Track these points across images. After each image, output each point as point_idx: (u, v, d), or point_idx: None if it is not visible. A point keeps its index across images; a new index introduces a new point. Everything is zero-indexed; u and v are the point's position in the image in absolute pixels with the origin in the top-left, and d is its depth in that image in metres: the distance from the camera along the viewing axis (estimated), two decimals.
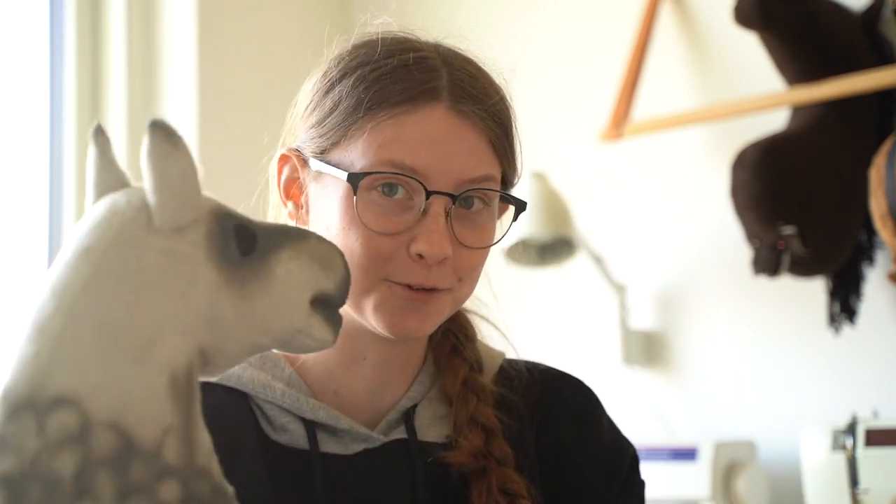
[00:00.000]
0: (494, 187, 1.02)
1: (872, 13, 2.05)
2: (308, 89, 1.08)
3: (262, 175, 1.12)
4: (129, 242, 0.73)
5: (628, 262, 2.37)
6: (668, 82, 2.33)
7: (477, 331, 1.14)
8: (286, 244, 0.78)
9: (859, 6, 2.07)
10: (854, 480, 1.72)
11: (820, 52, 2.01)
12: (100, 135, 0.79)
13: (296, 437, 1.04)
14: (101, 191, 0.78)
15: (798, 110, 2.04)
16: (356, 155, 1.00)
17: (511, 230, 1.09)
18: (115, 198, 0.76)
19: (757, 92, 2.12)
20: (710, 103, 2.25)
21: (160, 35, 2.62)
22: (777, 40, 2.02)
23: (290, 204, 1.08)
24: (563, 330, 2.43)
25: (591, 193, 2.42)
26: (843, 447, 1.75)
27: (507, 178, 1.06)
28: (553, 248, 2.32)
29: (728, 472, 2.02)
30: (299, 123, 1.08)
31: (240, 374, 1.06)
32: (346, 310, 1.04)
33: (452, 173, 0.99)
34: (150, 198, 0.73)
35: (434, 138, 0.99)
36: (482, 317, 1.15)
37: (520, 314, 2.47)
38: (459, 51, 1.08)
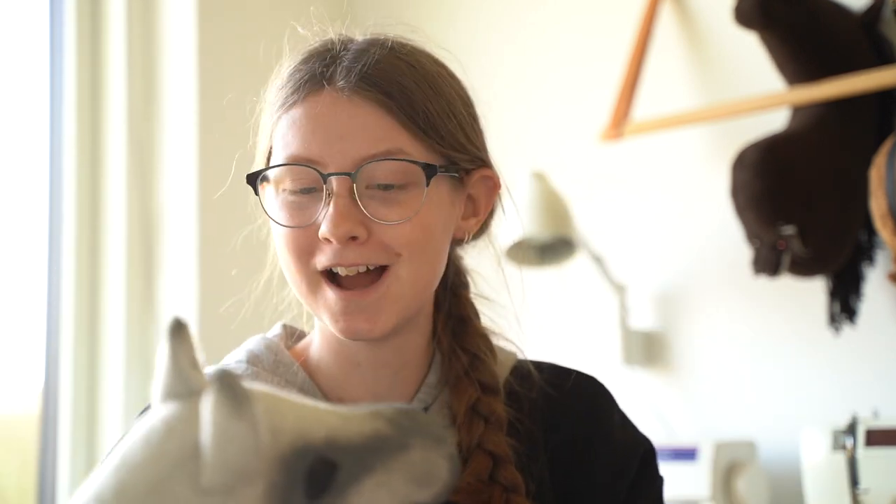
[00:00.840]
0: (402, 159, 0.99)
1: (872, 13, 2.05)
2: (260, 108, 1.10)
3: None
4: (168, 500, 0.65)
5: (628, 262, 2.37)
6: (668, 82, 2.33)
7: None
8: (377, 466, 0.69)
9: (859, 6, 2.07)
10: (854, 480, 1.72)
11: (820, 52, 2.01)
12: (177, 333, 0.71)
13: None
14: (168, 394, 0.70)
15: (798, 110, 2.04)
16: (275, 161, 1.02)
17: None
18: (170, 426, 0.68)
19: (757, 92, 2.12)
20: (710, 103, 2.25)
21: (160, 35, 2.62)
22: (777, 40, 2.02)
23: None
24: (563, 330, 2.43)
25: (591, 193, 2.42)
26: (844, 447, 1.75)
27: (439, 151, 1.02)
28: (553, 248, 2.32)
29: (728, 472, 2.02)
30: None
31: (253, 380, 1.05)
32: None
33: (348, 154, 0.98)
34: (204, 453, 0.66)
35: (322, 124, 0.99)
36: (502, 336, 1.13)
37: (519, 314, 2.47)
38: (378, 33, 1.05)
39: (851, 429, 1.75)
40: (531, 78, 2.54)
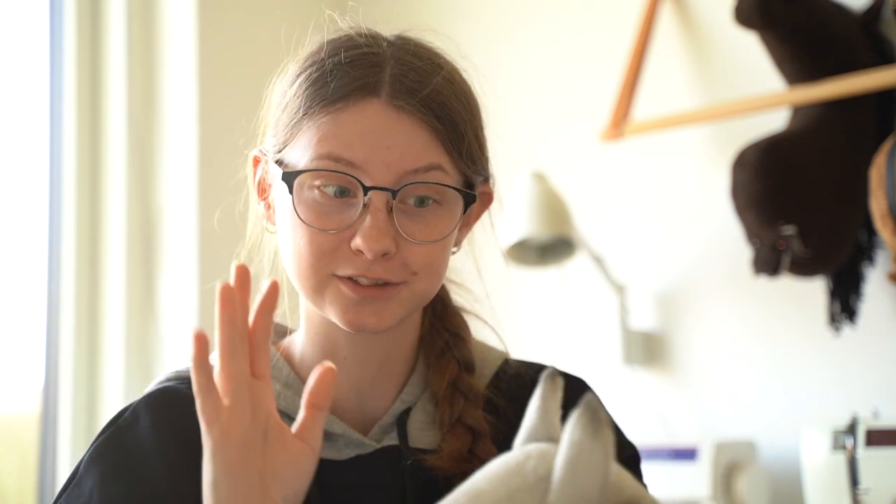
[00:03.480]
0: (441, 178, 1.00)
1: (872, 13, 2.05)
2: (274, 89, 1.09)
3: None
4: None
5: (628, 262, 2.37)
6: (668, 82, 2.33)
7: (473, 331, 1.14)
8: None
9: (859, 6, 2.07)
10: (854, 480, 1.72)
11: (820, 52, 2.01)
12: (552, 380, 0.79)
13: None
14: (529, 436, 0.77)
15: (798, 110, 2.04)
16: (300, 153, 1.01)
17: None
18: (528, 453, 0.74)
19: (757, 92, 2.12)
20: (710, 103, 2.25)
21: (160, 35, 2.62)
22: (777, 40, 2.02)
23: (261, 205, 1.09)
24: (563, 330, 2.43)
25: (591, 193, 2.42)
26: (844, 447, 1.75)
27: (466, 174, 1.04)
28: (553, 248, 2.32)
29: (728, 472, 2.02)
30: (268, 123, 1.08)
31: None
32: (312, 308, 1.05)
33: (392, 165, 0.98)
34: (555, 473, 0.70)
35: (370, 131, 0.99)
36: (476, 315, 1.15)
37: (520, 314, 2.48)
38: (421, 44, 1.06)
39: (851, 429, 1.75)
40: (531, 78, 2.54)
